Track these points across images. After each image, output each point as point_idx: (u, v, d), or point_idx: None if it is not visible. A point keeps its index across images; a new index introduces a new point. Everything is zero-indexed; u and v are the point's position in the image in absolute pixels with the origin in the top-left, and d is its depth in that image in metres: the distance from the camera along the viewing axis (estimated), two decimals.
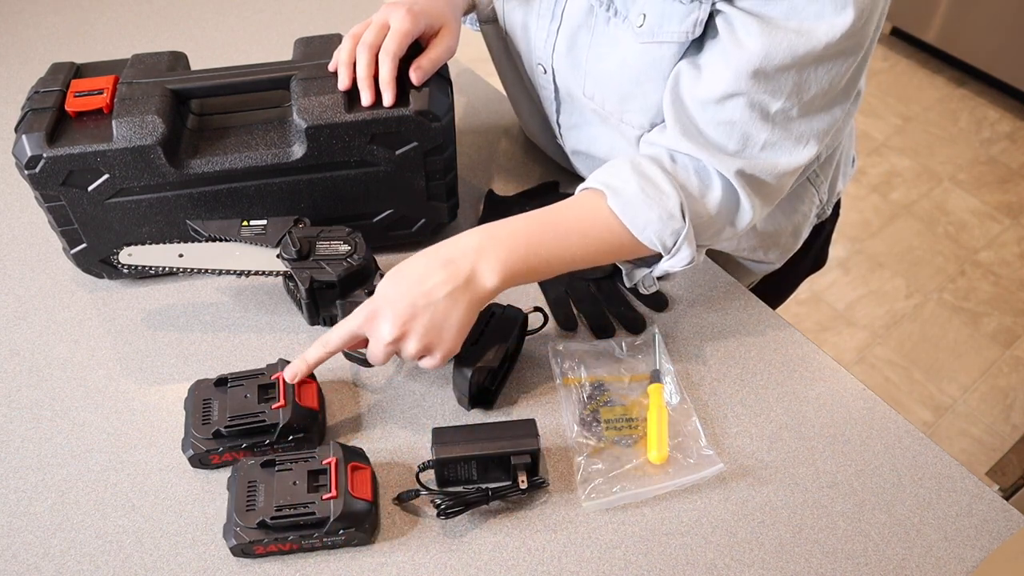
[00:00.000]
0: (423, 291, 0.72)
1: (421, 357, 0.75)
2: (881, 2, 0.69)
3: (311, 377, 0.80)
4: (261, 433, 0.76)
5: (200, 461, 0.77)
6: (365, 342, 0.75)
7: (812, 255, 1.12)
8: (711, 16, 0.72)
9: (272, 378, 0.78)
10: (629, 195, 0.76)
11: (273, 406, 0.76)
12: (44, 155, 0.80)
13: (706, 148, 0.75)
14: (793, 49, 0.68)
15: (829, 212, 1.06)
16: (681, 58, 0.76)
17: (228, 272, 0.84)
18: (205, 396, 0.78)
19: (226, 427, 0.75)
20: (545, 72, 0.89)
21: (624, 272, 0.86)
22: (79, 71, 0.89)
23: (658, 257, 0.80)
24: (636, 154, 0.80)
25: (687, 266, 0.79)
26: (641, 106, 0.81)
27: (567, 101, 0.91)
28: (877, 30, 0.73)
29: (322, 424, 0.81)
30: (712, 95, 0.73)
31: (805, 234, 1.04)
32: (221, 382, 0.78)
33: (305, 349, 0.76)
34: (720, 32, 0.71)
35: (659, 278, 0.94)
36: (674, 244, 0.77)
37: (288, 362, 0.78)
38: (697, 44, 0.75)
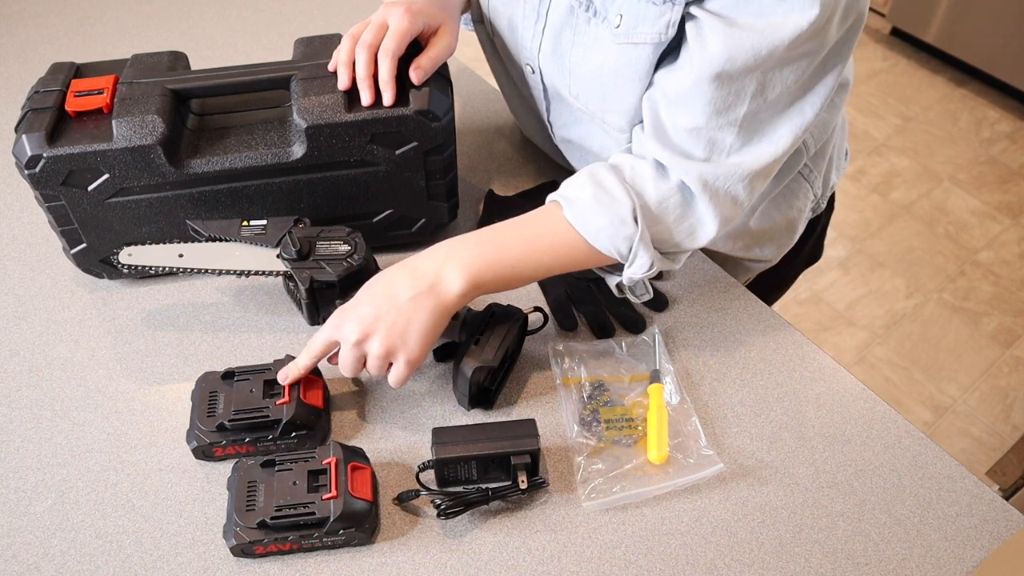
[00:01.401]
0: (387, 295, 0.75)
1: (388, 366, 0.76)
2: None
3: (317, 375, 0.81)
4: (264, 428, 0.76)
5: (203, 453, 0.77)
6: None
7: (807, 249, 1.13)
8: (685, 20, 0.72)
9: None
10: (582, 204, 0.77)
11: (278, 402, 0.76)
12: (44, 155, 0.80)
13: (675, 152, 0.76)
14: (756, 50, 0.68)
15: (823, 206, 1.06)
16: (660, 62, 0.76)
17: (228, 272, 0.84)
18: (212, 389, 0.78)
19: (230, 421, 0.75)
20: (533, 72, 0.89)
21: (608, 283, 0.86)
22: (79, 71, 0.89)
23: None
24: (598, 163, 0.80)
25: (648, 273, 0.79)
26: (619, 107, 0.81)
27: (556, 100, 0.92)
28: (851, 28, 0.72)
29: (327, 423, 0.81)
30: (678, 98, 0.74)
31: (801, 229, 1.05)
32: (228, 375, 0.79)
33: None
34: (688, 36, 0.72)
35: (656, 279, 0.95)
36: (629, 250, 0.77)
37: (295, 358, 0.79)
38: (676, 49, 0.75)
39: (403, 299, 0.75)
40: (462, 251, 0.77)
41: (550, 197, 0.81)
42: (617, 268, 0.82)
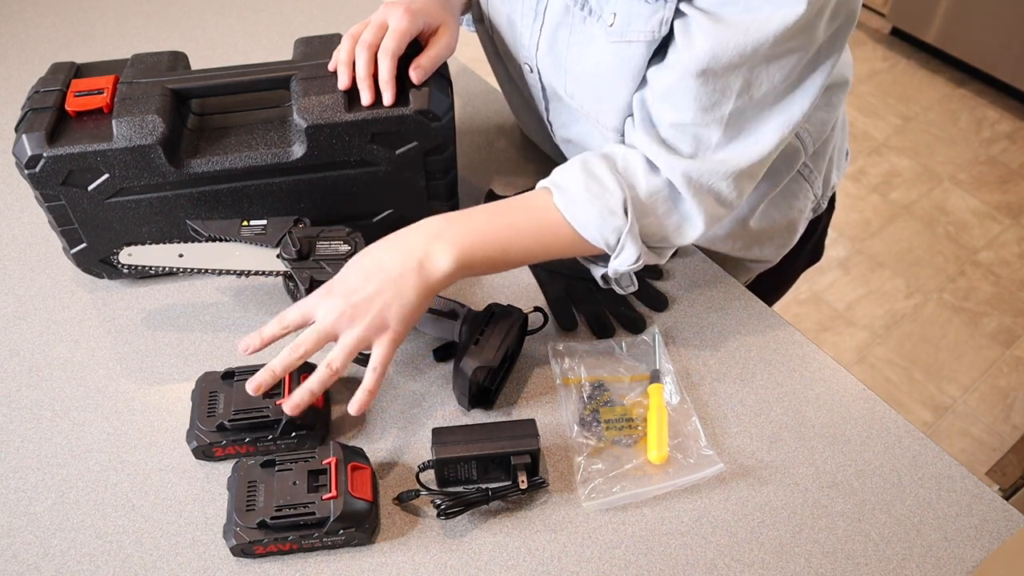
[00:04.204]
0: (376, 268, 0.74)
1: (367, 345, 0.73)
2: None
3: None
4: (264, 428, 0.76)
5: (203, 453, 0.78)
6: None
7: (808, 250, 1.13)
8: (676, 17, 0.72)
9: None
10: (573, 192, 0.77)
11: (277, 401, 0.76)
12: (44, 154, 0.80)
13: (662, 147, 0.75)
14: (742, 47, 0.68)
15: (824, 206, 1.06)
16: (651, 59, 0.76)
17: (228, 272, 0.84)
18: (212, 389, 0.78)
19: (230, 421, 0.75)
20: (532, 71, 0.89)
21: (593, 273, 0.85)
22: (79, 71, 0.89)
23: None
24: (590, 152, 0.80)
25: (633, 266, 0.78)
26: (613, 107, 0.81)
27: (554, 99, 0.92)
28: (841, 27, 0.71)
29: (327, 423, 0.81)
30: (664, 94, 0.74)
31: (801, 229, 1.05)
32: (228, 375, 0.79)
33: None
34: (676, 33, 0.72)
35: (656, 279, 0.95)
36: (617, 241, 0.77)
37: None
38: (667, 47, 0.75)
39: (393, 273, 0.73)
40: (452, 231, 0.76)
41: (541, 183, 0.81)
42: (602, 259, 0.82)
